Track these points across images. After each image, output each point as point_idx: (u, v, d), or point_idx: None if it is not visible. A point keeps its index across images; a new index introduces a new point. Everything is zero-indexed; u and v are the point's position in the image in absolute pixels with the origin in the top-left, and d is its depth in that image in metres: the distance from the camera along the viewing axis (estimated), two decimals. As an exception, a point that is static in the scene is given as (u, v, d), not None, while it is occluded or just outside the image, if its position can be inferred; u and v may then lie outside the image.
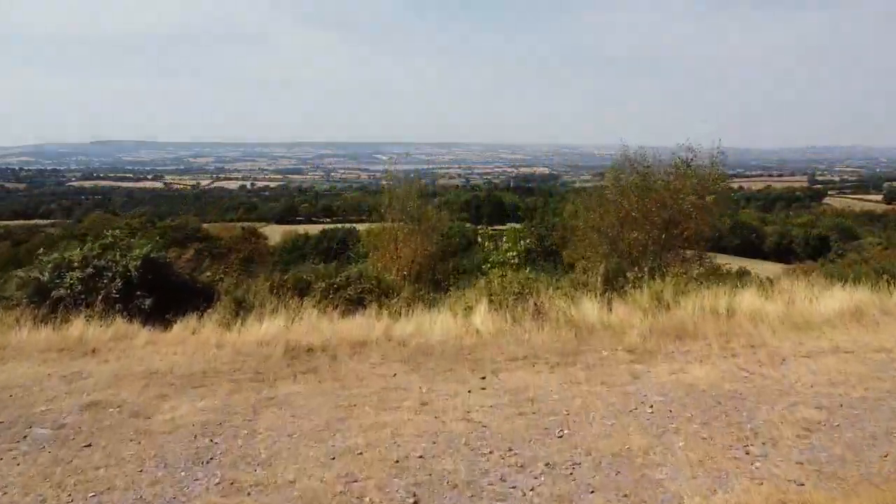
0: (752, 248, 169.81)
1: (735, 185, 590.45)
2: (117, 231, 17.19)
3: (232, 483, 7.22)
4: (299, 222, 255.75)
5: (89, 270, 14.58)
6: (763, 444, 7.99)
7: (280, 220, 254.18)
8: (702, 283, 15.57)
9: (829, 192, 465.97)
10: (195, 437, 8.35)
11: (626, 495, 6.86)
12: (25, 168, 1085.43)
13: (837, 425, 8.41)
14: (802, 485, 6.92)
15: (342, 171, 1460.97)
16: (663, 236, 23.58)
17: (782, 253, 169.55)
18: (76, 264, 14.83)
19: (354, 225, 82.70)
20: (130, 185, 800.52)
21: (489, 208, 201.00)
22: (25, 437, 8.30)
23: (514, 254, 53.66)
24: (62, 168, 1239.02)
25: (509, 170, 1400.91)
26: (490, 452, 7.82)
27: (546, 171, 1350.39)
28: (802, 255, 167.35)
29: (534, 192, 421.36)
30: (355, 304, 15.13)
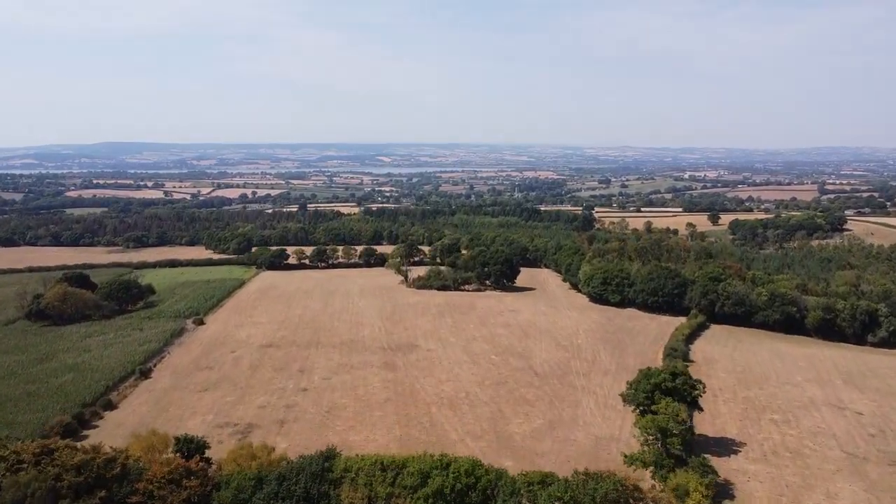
0: (795, 324, 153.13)
1: (744, 196, 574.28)
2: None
3: None
4: (291, 268, 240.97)
5: None
6: None
7: (272, 265, 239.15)
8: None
9: (847, 213, 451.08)
10: None
11: None
12: (26, 174, 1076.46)
13: None
14: None
15: (345, 174, 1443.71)
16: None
17: (827, 330, 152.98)
18: None
19: (326, 460, 58.91)
20: (130, 193, 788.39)
21: (498, 266, 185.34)
22: None
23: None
24: (64, 172, 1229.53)
25: (514, 174, 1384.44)
26: None
27: (551, 174, 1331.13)
28: (849, 333, 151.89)
29: (542, 216, 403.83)
30: None
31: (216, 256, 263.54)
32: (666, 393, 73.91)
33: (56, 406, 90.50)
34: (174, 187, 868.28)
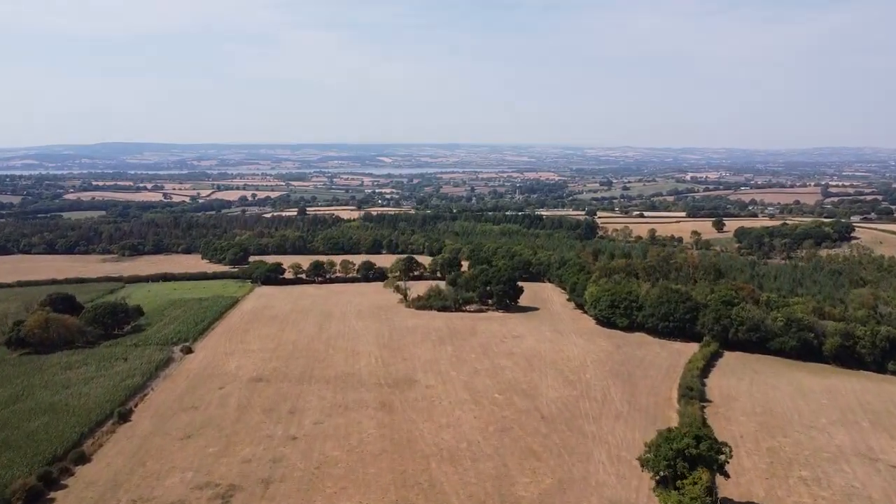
0: (811, 351, 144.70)
1: (747, 199, 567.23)
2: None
3: None
4: (288, 282, 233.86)
5: None
6: None
7: (267, 280, 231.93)
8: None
9: (854, 219, 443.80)
10: None
11: None
12: (26, 175, 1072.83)
13: None
14: None
15: (346, 175, 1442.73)
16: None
17: (846, 357, 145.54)
18: None
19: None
20: (129, 196, 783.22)
21: (501, 286, 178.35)
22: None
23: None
24: (64, 173, 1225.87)
25: (515, 175, 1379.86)
26: None
27: (552, 175, 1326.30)
28: (868, 361, 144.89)
29: (543, 223, 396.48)
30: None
31: (211, 269, 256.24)
32: (690, 461, 66.98)
33: (24, 459, 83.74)
34: (174, 189, 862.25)
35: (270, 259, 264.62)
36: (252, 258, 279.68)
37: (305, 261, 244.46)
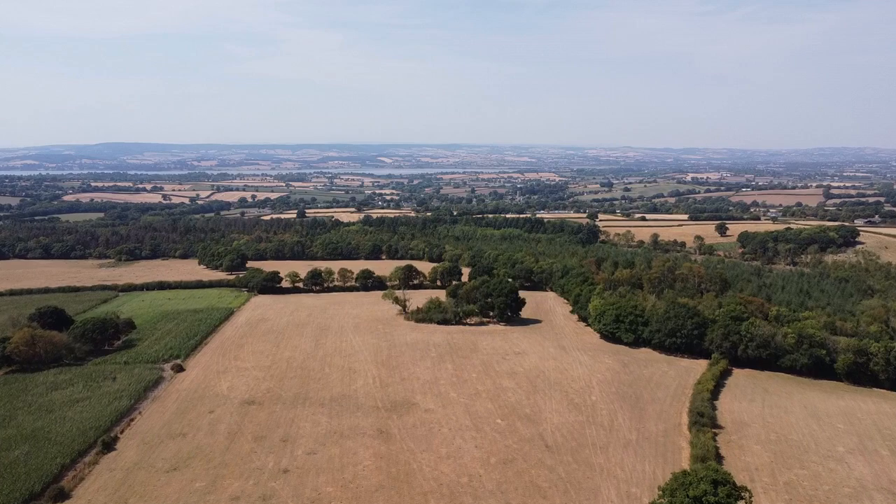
0: (823, 368, 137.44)
1: (748, 200, 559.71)
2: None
3: None
4: (285, 291, 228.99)
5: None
6: None
7: (264, 289, 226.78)
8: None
9: (857, 223, 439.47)
10: None
11: None
12: (26, 175, 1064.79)
13: None
14: None
15: (346, 175, 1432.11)
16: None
17: (859, 375, 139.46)
18: None
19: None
20: (128, 197, 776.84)
21: (502, 298, 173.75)
22: None
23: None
24: (64, 173, 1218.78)
25: (515, 175, 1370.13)
26: None
27: (553, 176, 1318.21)
28: (882, 379, 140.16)
29: (545, 227, 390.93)
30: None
31: (207, 276, 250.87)
32: (707, 510, 62.45)
33: (0, 496, 79.32)
34: (173, 190, 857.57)
35: (268, 265, 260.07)
36: (249, 264, 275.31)
37: (303, 267, 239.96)
